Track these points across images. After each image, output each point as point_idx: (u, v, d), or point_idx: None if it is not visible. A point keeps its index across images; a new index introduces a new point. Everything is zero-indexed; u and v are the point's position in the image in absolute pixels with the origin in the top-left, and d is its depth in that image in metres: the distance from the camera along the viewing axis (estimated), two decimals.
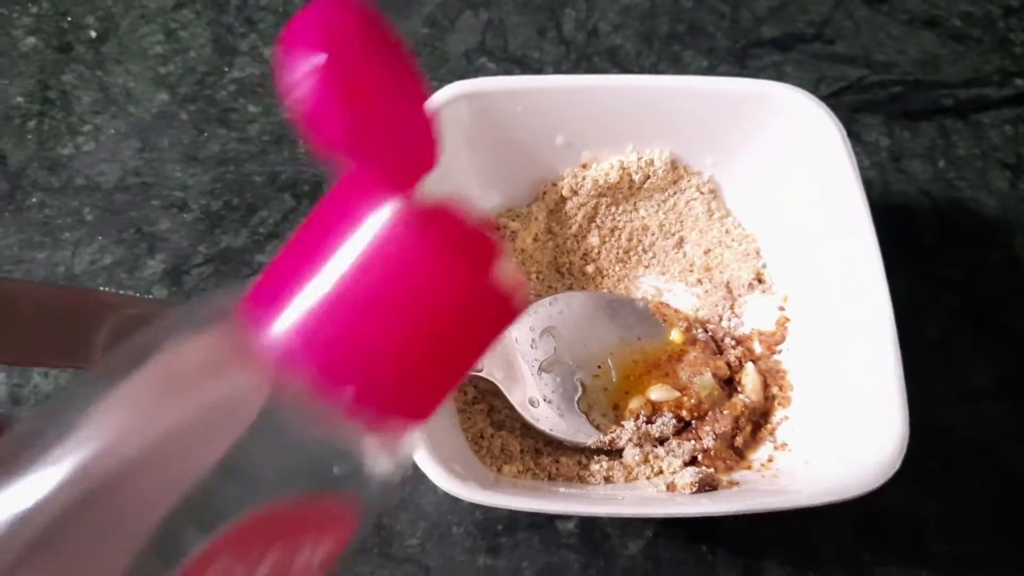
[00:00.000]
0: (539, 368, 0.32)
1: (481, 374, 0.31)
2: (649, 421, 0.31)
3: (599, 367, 0.33)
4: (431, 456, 0.27)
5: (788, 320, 0.34)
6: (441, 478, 0.26)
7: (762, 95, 0.33)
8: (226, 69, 0.41)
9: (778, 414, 0.32)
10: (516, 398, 0.31)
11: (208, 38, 0.42)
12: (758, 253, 0.35)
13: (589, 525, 0.33)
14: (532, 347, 0.32)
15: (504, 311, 0.11)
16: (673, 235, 0.36)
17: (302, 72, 0.10)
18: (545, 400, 0.32)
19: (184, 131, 0.39)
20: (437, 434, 0.28)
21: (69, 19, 0.42)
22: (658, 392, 0.32)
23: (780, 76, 0.42)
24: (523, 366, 0.32)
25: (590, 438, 0.31)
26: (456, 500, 0.33)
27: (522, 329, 0.32)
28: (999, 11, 0.44)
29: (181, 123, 0.40)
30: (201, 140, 0.39)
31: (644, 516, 0.32)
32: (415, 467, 0.33)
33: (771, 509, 0.28)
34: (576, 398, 0.32)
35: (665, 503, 0.29)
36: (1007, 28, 0.44)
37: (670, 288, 0.36)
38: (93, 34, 0.42)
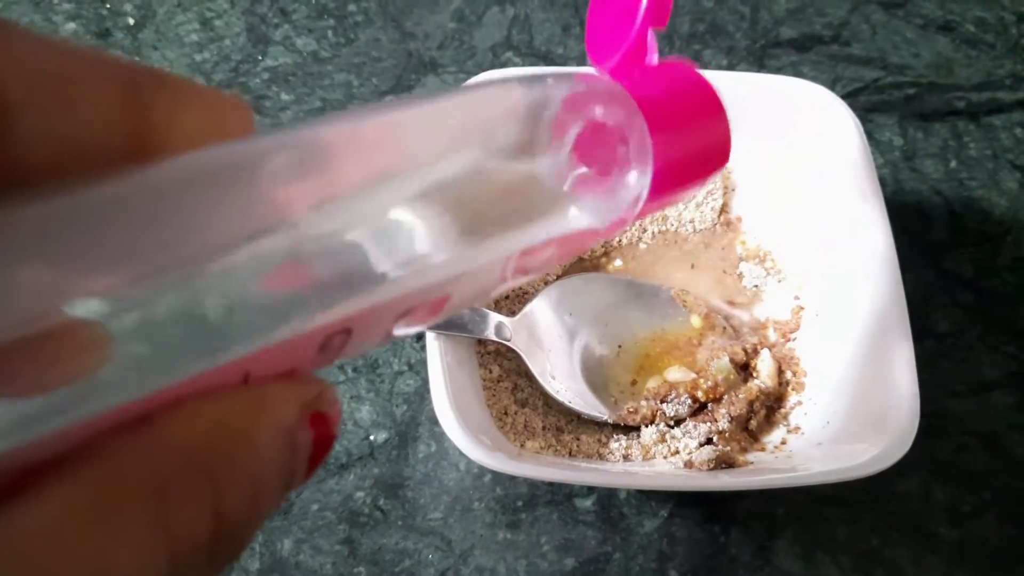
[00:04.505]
0: (560, 343, 0.33)
1: (508, 343, 0.32)
2: (665, 401, 0.32)
3: (619, 346, 0.34)
4: (461, 428, 0.28)
5: (803, 309, 0.35)
6: (471, 449, 0.27)
7: (784, 91, 0.34)
8: (260, 58, 0.42)
9: (791, 399, 0.33)
10: (537, 369, 0.32)
11: (242, 27, 0.43)
12: (774, 246, 0.37)
13: (606, 503, 0.34)
14: (554, 322, 0.33)
15: (723, 146, 0.18)
16: (693, 227, 0.37)
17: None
18: (564, 374, 0.33)
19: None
20: (465, 410, 0.29)
21: (108, 6, 0.43)
22: (675, 373, 0.33)
23: (797, 76, 0.43)
24: (545, 340, 0.33)
25: (607, 412, 0.32)
26: (478, 476, 0.34)
27: (545, 304, 0.33)
28: (1012, 17, 0.45)
29: None
30: None
31: (665, 488, 0.33)
32: (438, 444, 0.35)
33: (786, 485, 0.29)
34: (595, 374, 0.33)
35: (684, 478, 0.30)
36: (1020, 34, 0.45)
37: (690, 278, 0.37)
38: (131, 21, 0.43)
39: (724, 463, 0.30)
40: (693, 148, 0.17)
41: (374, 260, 0.12)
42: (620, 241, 0.37)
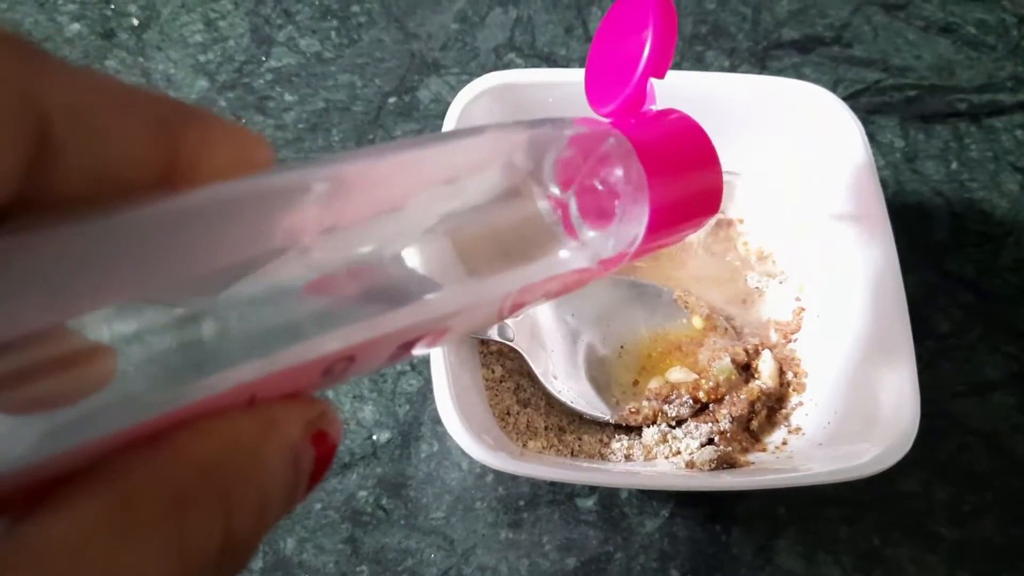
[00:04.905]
0: (563, 343, 0.33)
1: (511, 344, 0.32)
2: (667, 401, 0.33)
3: (621, 346, 0.34)
4: (464, 428, 0.28)
5: (804, 310, 0.35)
6: (474, 448, 0.27)
7: (785, 93, 0.34)
8: (263, 58, 0.42)
9: (793, 400, 0.33)
10: (539, 369, 0.32)
11: (246, 28, 0.43)
12: (774, 245, 0.37)
13: (608, 503, 0.34)
14: (557, 323, 0.33)
15: (715, 193, 0.19)
16: None
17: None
18: (567, 374, 0.33)
19: (222, 117, 0.41)
20: (468, 409, 0.29)
21: (112, 7, 0.43)
22: (677, 373, 0.33)
23: (799, 77, 0.43)
24: (547, 340, 0.33)
25: (608, 413, 0.33)
26: (480, 476, 0.34)
27: (547, 305, 0.33)
28: (1013, 20, 0.45)
29: (219, 110, 0.41)
30: None
31: (667, 488, 0.33)
32: (441, 444, 0.35)
33: (787, 485, 0.29)
34: (597, 374, 0.33)
35: (685, 478, 0.30)
36: (1021, 36, 0.45)
37: (691, 279, 0.37)
38: (135, 21, 0.43)
39: (725, 463, 0.30)
40: (687, 194, 0.18)
41: (381, 294, 0.13)
42: None
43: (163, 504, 0.10)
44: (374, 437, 0.35)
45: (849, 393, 0.32)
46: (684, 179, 0.18)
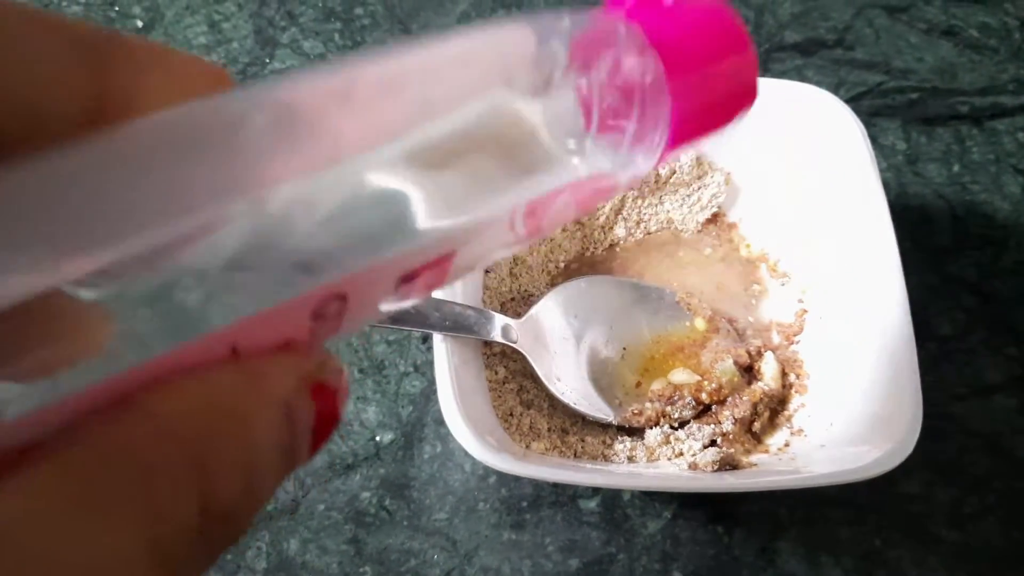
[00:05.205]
0: (566, 345, 0.33)
1: (515, 345, 0.32)
2: (670, 402, 0.33)
3: (624, 348, 0.34)
4: (468, 429, 0.28)
5: (806, 312, 0.35)
6: (477, 449, 0.28)
7: (788, 95, 0.34)
8: (267, 60, 0.43)
9: (795, 401, 0.34)
10: (542, 371, 0.32)
11: (250, 30, 0.43)
12: (776, 247, 0.37)
13: (610, 504, 0.34)
14: (560, 324, 0.33)
15: (749, 85, 0.16)
16: (698, 230, 0.37)
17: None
18: (569, 375, 0.33)
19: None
20: (471, 410, 0.29)
21: (116, 9, 0.43)
22: (680, 375, 0.33)
23: (802, 80, 0.43)
24: (550, 342, 0.33)
25: (611, 414, 0.33)
26: (482, 477, 0.34)
27: (550, 307, 0.34)
28: (1015, 23, 0.46)
29: None
30: None
31: (669, 490, 0.33)
32: (444, 445, 0.35)
33: (789, 487, 0.29)
34: (600, 376, 0.33)
35: (688, 479, 0.30)
36: (1022, 39, 0.45)
37: (694, 280, 0.37)
38: (139, 24, 0.43)
39: (728, 465, 0.30)
40: (714, 90, 0.16)
41: (366, 215, 0.11)
42: (624, 241, 0.37)
43: (126, 472, 0.09)
44: (377, 438, 0.35)
45: (851, 395, 0.32)
46: (710, 74, 0.16)
